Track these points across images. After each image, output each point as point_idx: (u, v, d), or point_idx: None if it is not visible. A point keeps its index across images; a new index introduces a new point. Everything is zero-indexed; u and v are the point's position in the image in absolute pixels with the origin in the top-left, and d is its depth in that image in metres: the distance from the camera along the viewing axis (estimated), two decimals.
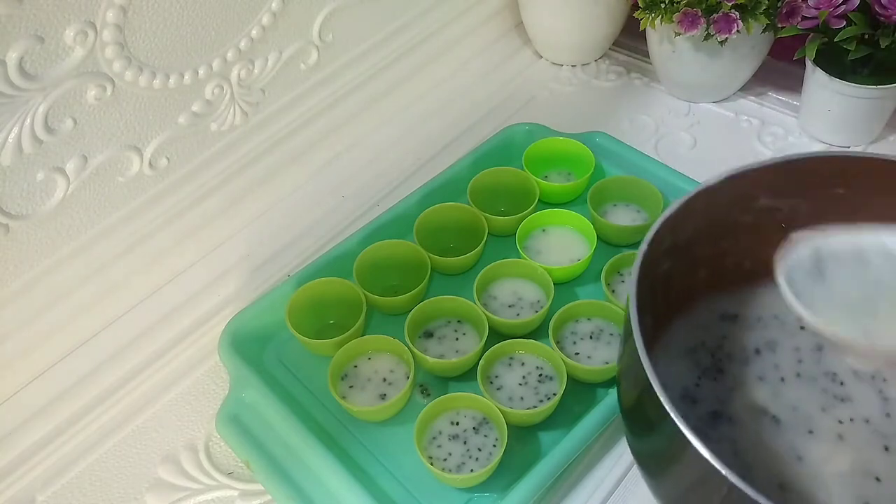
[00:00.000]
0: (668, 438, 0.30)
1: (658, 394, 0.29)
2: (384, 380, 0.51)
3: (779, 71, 0.72)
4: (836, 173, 0.39)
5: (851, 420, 0.38)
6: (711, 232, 0.40)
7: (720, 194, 0.38)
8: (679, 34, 0.65)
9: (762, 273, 0.42)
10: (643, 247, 0.35)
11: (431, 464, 0.46)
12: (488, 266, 0.55)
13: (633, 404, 0.34)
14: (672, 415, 0.29)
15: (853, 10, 0.59)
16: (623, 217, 0.61)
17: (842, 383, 0.40)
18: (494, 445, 0.47)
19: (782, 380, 0.40)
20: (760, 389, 0.40)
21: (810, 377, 0.40)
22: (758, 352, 0.41)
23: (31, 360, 0.53)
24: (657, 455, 0.34)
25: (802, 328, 0.42)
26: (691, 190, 0.37)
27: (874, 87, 0.61)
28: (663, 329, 0.41)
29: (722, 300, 0.43)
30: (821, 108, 0.65)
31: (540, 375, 0.50)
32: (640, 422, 0.34)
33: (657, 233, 0.36)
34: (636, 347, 0.31)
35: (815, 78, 0.63)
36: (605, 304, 0.53)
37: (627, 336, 0.33)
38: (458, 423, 0.48)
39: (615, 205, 0.62)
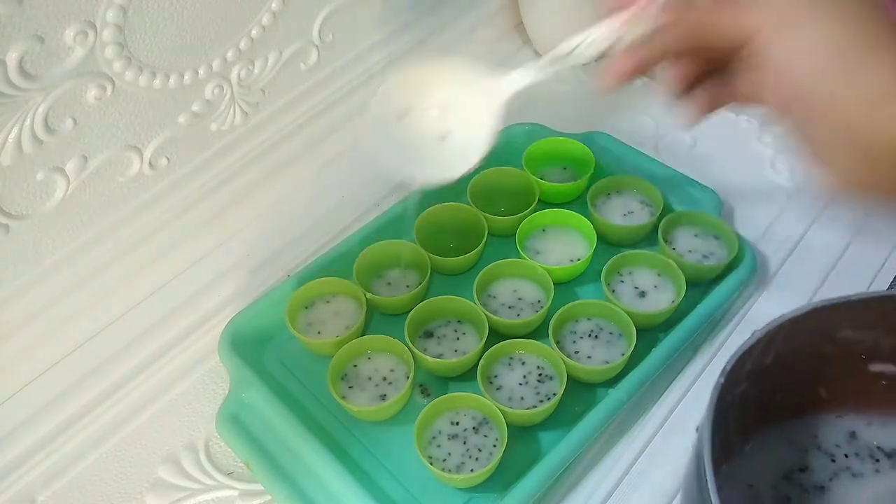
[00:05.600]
0: None
1: None
2: (384, 379, 0.51)
3: None
4: None
5: None
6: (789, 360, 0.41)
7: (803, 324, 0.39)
8: None
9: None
10: (720, 378, 0.36)
11: (431, 464, 0.46)
12: (488, 266, 0.55)
13: None
14: None
15: None
16: (623, 207, 0.61)
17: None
18: (494, 445, 0.47)
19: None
20: None
21: None
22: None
23: (31, 360, 0.53)
24: None
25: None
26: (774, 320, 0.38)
27: None
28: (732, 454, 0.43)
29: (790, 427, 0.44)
30: None
31: (540, 375, 0.50)
32: None
33: (737, 361, 0.36)
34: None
35: None
36: (605, 303, 0.53)
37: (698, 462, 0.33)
38: (457, 423, 0.48)
39: (619, 192, 0.62)
